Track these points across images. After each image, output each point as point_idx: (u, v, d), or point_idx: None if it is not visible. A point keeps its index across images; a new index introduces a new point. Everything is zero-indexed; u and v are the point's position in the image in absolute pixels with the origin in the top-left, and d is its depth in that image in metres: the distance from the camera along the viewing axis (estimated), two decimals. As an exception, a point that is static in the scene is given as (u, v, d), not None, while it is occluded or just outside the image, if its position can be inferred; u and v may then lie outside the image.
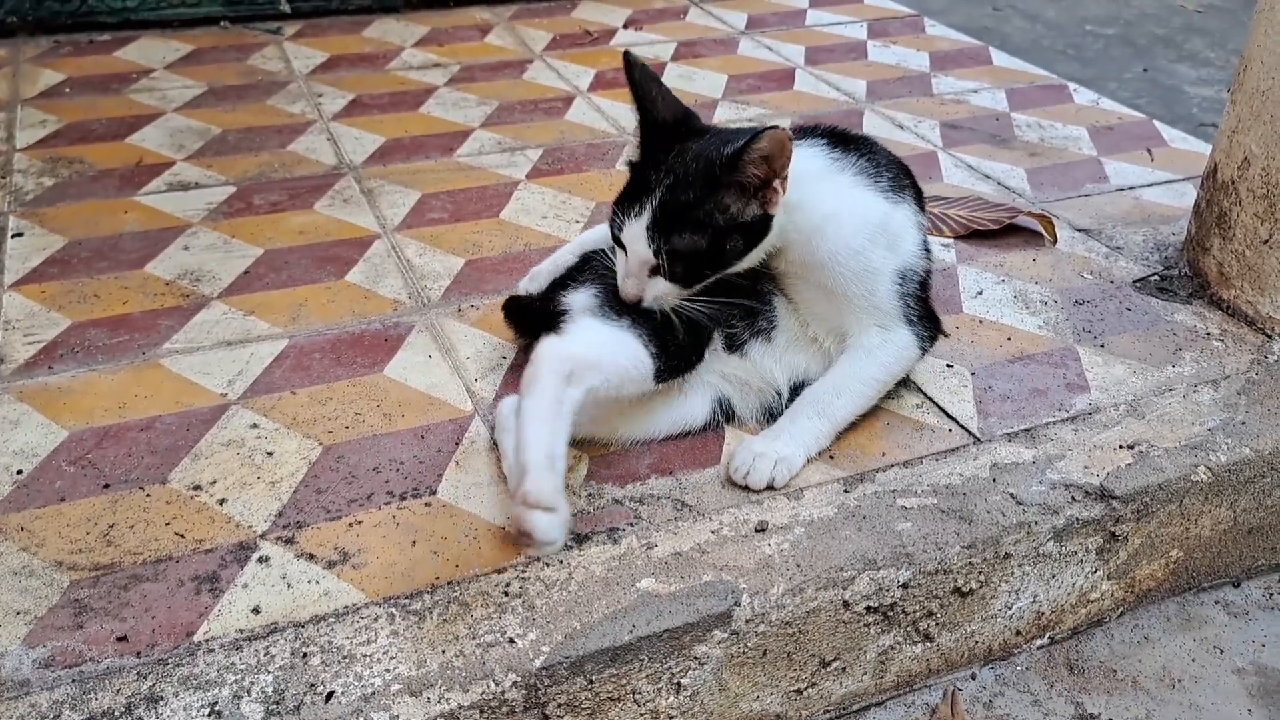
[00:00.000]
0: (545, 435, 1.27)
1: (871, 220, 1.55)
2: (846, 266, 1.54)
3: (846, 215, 1.54)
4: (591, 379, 1.37)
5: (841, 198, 1.55)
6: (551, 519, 1.22)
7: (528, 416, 1.29)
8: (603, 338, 1.45)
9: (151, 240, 2.14)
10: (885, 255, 1.56)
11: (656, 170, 1.46)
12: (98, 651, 1.24)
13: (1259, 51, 1.85)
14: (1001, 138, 2.72)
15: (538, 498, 1.21)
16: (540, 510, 1.21)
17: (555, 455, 1.27)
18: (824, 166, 1.56)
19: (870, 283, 1.55)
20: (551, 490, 1.22)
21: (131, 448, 1.57)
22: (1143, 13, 5.09)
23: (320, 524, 1.44)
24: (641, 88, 1.53)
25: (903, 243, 1.59)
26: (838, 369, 1.60)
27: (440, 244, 2.14)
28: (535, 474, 1.23)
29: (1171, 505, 1.58)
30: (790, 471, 1.52)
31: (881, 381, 1.61)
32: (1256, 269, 1.88)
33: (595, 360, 1.39)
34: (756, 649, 1.35)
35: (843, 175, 1.57)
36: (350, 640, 1.26)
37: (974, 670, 1.56)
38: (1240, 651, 1.61)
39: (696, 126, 1.54)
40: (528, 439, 1.27)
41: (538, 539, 1.21)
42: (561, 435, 1.30)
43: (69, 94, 2.87)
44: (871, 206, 1.56)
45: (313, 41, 3.34)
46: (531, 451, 1.25)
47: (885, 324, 1.59)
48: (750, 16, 3.68)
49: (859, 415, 1.61)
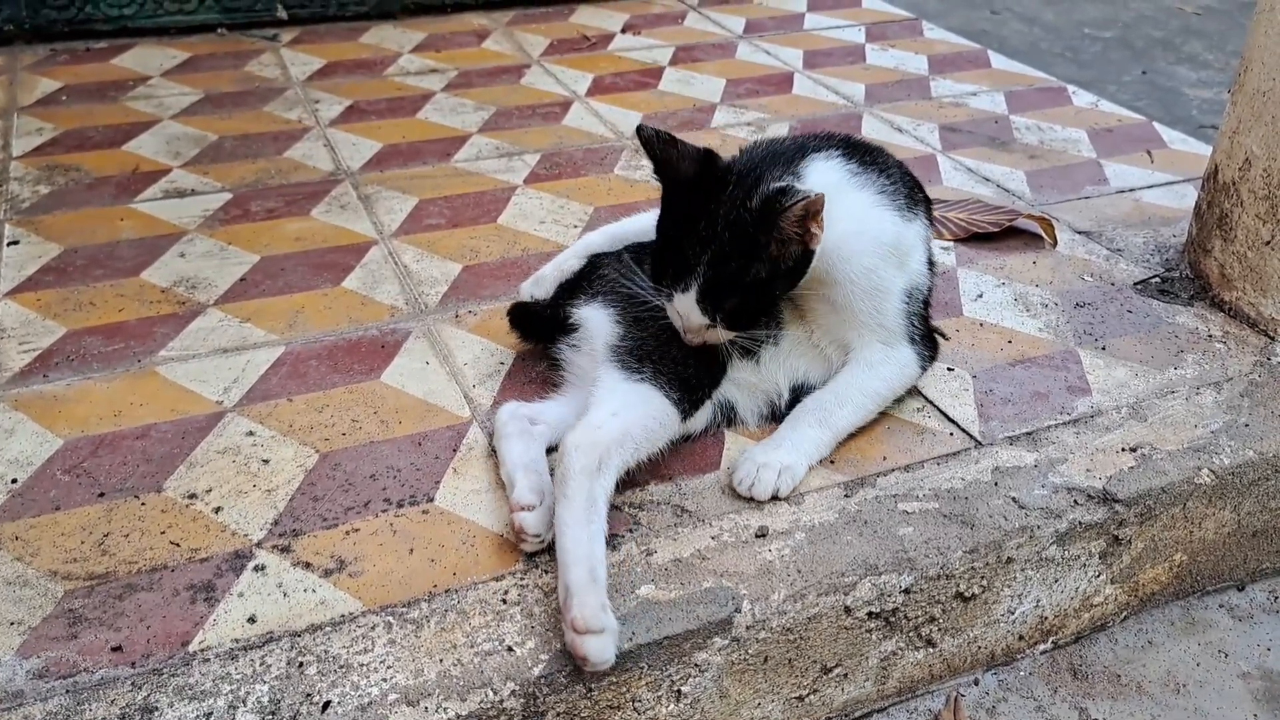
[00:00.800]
0: (584, 546, 1.27)
1: (886, 240, 1.55)
2: (859, 285, 1.54)
3: (864, 234, 1.53)
4: (621, 455, 1.39)
5: (860, 217, 1.53)
6: (602, 640, 1.20)
7: (563, 526, 1.30)
8: (628, 400, 1.45)
9: (148, 247, 2.13)
10: (895, 274, 1.56)
11: (691, 241, 1.44)
12: (92, 662, 1.23)
13: (1259, 52, 1.84)
14: (1001, 140, 2.71)
15: (586, 623, 1.20)
16: (591, 635, 1.20)
17: (595, 565, 1.26)
18: (843, 181, 1.54)
19: (879, 301, 1.56)
20: (596, 611, 1.21)
21: (127, 456, 1.56)
22: (1140, 15, 5.09)
23: (317, 532, 1.43)
24: (662, 160, 1.49)
25: (911, 261, 1.60)
26: (840, 380, 1.60)
27: (438, 249, 2.13)
28: (579, 596, 1.22)
29: (1175, 508, 1.57)
30: (794, 481, 1.51)
31: (882, 396, 1.62)
32: (1258, 270, 1.87)
33: (622, 433, 1.40)
34: (757, 656, 1.34)
35: (863, 193, 1.55)
36: (347, 649, 1.25)
37: (977, 676, 1.55)
38: (1245, 655, 1.60)
39: (718, 171, 1.49)
40: (566, 554, 1.27)
41: (593, 662, 1.20)
42: (598, 537, 1.30)
43: (65, 101, 2.86)
44: (887, 225, 1.56)
45: (310, 48, 3.34)
46: (573, 571, 1.25)
47: (889, 341, 1.60)
48: (748, 21, 3.67)
49: (858, 427, 1.61)
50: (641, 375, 1.48)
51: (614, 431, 1.39)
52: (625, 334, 1.53)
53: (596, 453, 1.35)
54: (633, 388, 1.47)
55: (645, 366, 1.48)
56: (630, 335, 1.53)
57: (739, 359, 1.58)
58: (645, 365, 1.49)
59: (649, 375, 1.48)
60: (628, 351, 1.51)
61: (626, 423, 1.41)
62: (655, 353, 1.50)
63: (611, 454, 1.37)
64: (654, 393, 1.47)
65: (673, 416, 1.48)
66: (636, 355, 1.50)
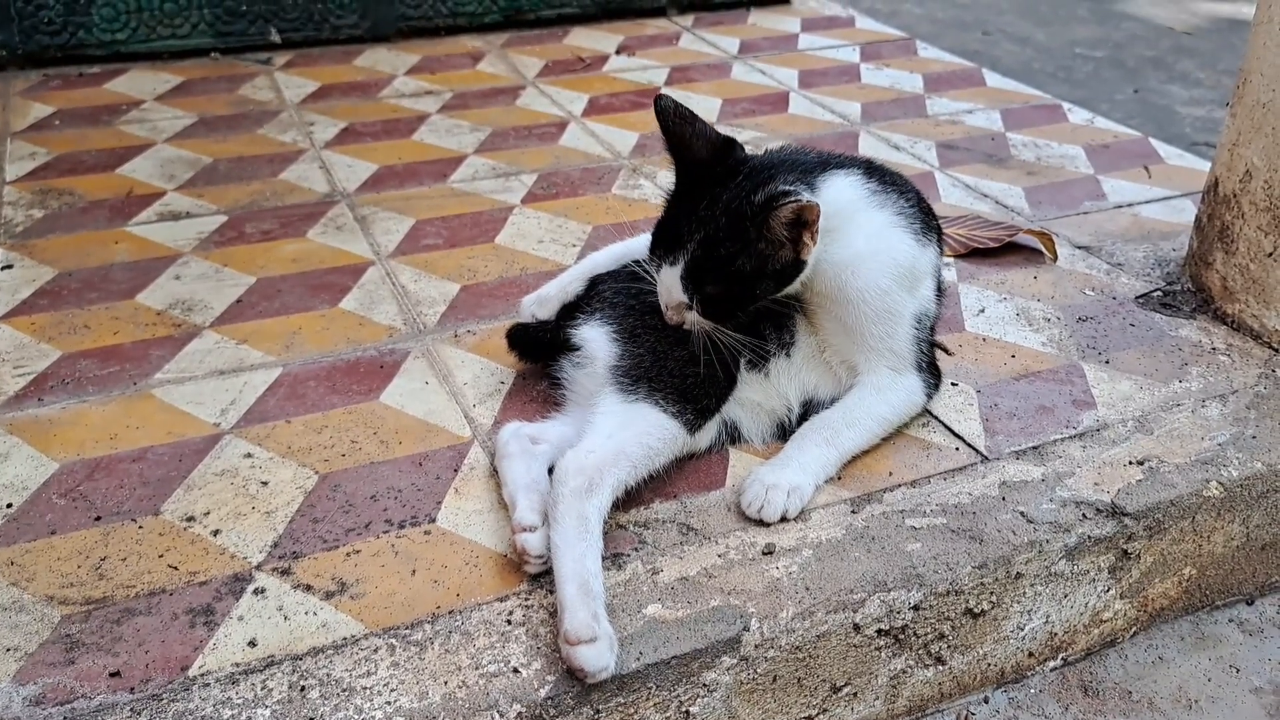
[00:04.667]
0: (575, 564, 1.28)
1: (902, 262, 1.55)
2: (871, 305, 1.54)
3: (880, 254, 1.54)
4: (616, 474, 1.39)
5: (878, 237, 1.55)
6: (595, 648, 1.20)
7: (556, 548, 1.31)
8: (624, 420, 1.45)
9: (142, 270, 2.11)
10: (907, 298, 1.57)
11: (690, 219, 1.47)
12: (90, 688, 1.21)
13: (1258, 64, 1.84)
14: (998, 157, 2.71)
15: (577, 633, 1.21)
16: (583, 645, 1.20)
17: (587, 579, 1.27)
18: (862, 199, 1.56)
19: (890, 324, 1.56)
20: (587, 621, 1.21)
21: (123, 479, 1.54)
22: (1132, 35, 5.11)
23: (317, 554, 1.40)
24: (675, 134, 1.53)
25: (923, 287, 1.61)
26: (848, 402, 1.60)
27: (435, 270, 2.12)
28: (569, 611, 1.23)
29: (1183, 522, 1.56)
30: (803, 501, 1.49)
31: (889, 421, 1.61)
32: (1261, 282, 1.87)
33: (615, 453, 1.40)
34: (766, 675, 1.32)
35: (882, 213, 1.57)
36: (350, 672, 1.23)
37: (987, 693, 1.53)
38: (1257, 670, 1.58)
39: (733, 160, 1.52)
40: (558, 574, 1.28)
41: (589, 671, 1.20)
42: (591, 553, 1.30)
43: (59, 126, 2.85)
44: (904, 248, 1.57)
45: (304, 71, 3.33)
46: (566, 588, 1.25)
47: (897, 367, 1.60)
48: (742, 41, 3.68)
49: (862, 450, 1.60)
50: (637, 395, 1.48)
51: (607, 454, 1.39)
52: (623, 352, 1.53)
53: (586, 476, 1.36)
54: (629, 409, 1.47)
55: (640, 386, 1.48)
56: (627, 353, 1.53)
57: (747, 371, 1.57)
58: (641, 384, 1.49)
59: (644, 394, 1.48)
60: (624, 372, 1.51)
61: (621, 443, 1.42)
62: (652, 369, 1.50)
63: (604, 475, 1.37)
64: (651, 410, 1.46)
65: (674, 430, 1.47)
66: (633, 375, 1.50)
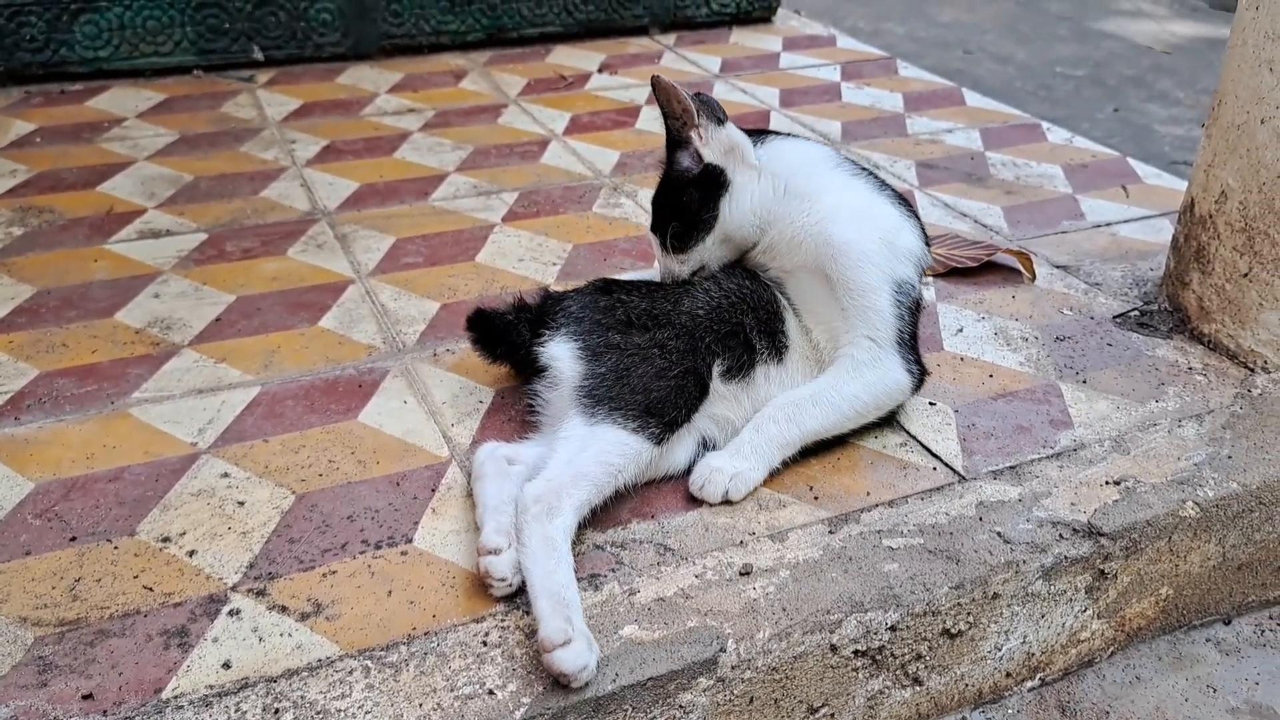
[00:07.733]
0: (543, 580, 1.29)
1: (887, 225, 1.65)
2: (855, 251, 1.60)
3: (867, 210, 1.65)
4: (576, 495, 1.40)
5: (864, 196, 1.68)
6: (572, 650, 1.21)
7: (525, 570, 1.32)
8: (585, 443, 1.45)
9: (121, 289, 2.11)
10: (890, 262, 1.61)
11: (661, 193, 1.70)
12: (63, 710, 1.20)
13: (1233, 86, 1.85)
14: (977, 176, 2.72)
15: (551, 639, 1.22)
16: (559, 649, 1.21)
17: (559, 589, 1.28)
18: (826, 161, 1.72)
19: (870, 274, 1.60)
20: (560, 625, 1.23)
21: (99, 499, 1.53)
22: (1112, 54, 5.15)
23: (293, 575, 1.40)
24: (668, 106, 1.68)
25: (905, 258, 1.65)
26: (821, 379, 1.62)
27: (415, 288, 2.12)
28: (543, 620, 1.24)
29: (1160, 542, 1.56)
30: (747, 486, 1.53)
31: (862, 402, 1.61)
32: (1236, 302, 1.88)
33: (574, 475, 1.41)
34: (743, 696, 1.32)
35: (858, 180, 1.70)
36: (324, 695, 1.22)
37: (964, 714, 1.53)
38: (1234, 690, 1.59)
39: None
40: (531, 591, 1.29)
41: (570, 674, 1.21)
42: (561, 569, 1.31)
43: (39, 143, 2.84)
44: (888, 212, 1.67)
45: (286, 89, 3.33)
46: (540, 602, 1.27)
47: (877, 338, 1.60)
48: (724, 60, 3.69)
49: (829, 434, 1.61)
50: (596, 416, 1.48)
51: (564, 479, 1.40)
52: (586, 372, 1.54)
53: (545, 503, 1.37)
54: (589, 430, 1.47)
55: (601, 406, 1.49)
56: (590, 373, 1.53)
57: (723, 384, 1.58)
58: (601, 405, 1.49)
59: (604, 414, 1.48)
60: (587, 393, 1.51)
61: (579, 466, 1.42)
62: (614, 388, 1.50)
63: (562, 499, 1.38)
64: (610, 429, 1.46)
65: (637, 446, 1.46)
66: (595, 395, 1.50)
